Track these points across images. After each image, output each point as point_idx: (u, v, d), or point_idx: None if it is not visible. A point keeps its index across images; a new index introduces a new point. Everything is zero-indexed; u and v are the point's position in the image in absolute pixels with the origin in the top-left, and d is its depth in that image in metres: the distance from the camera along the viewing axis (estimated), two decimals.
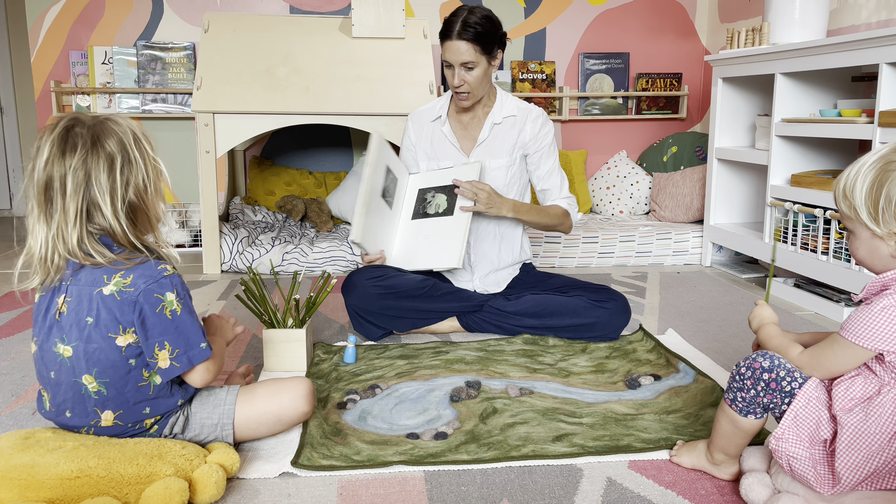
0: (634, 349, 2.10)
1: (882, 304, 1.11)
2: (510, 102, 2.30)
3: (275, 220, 3.68)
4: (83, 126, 1.27)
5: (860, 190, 1.12)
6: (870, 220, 1.12)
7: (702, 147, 3.74)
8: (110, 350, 1.28)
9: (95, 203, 1.26)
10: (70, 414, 1.33)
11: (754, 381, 1.20)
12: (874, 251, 1.15)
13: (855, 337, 1.12)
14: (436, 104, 2.35)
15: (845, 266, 2.42)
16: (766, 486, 1.25)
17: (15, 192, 5.09)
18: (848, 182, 1.15)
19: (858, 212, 1.13)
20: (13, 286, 1.32)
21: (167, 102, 3.84)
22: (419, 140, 2.35)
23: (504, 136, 2.28)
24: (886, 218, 1.10)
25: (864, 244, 1.16)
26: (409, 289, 2.17)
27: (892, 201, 1.09)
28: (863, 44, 2.31)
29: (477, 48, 2.11)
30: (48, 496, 1.19)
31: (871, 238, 1.14)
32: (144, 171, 1.30)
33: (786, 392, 1.17)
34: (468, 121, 2.31)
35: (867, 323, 1.11)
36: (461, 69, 2.14)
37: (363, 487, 1.34)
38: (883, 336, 1.10)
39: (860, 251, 1.17)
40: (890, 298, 1.10)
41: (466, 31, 2.09)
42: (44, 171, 1.26)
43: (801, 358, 1.21)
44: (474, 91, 2.19)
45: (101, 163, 1.25)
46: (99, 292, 1.27)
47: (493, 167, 2.28)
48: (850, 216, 1.16)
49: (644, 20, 4.10)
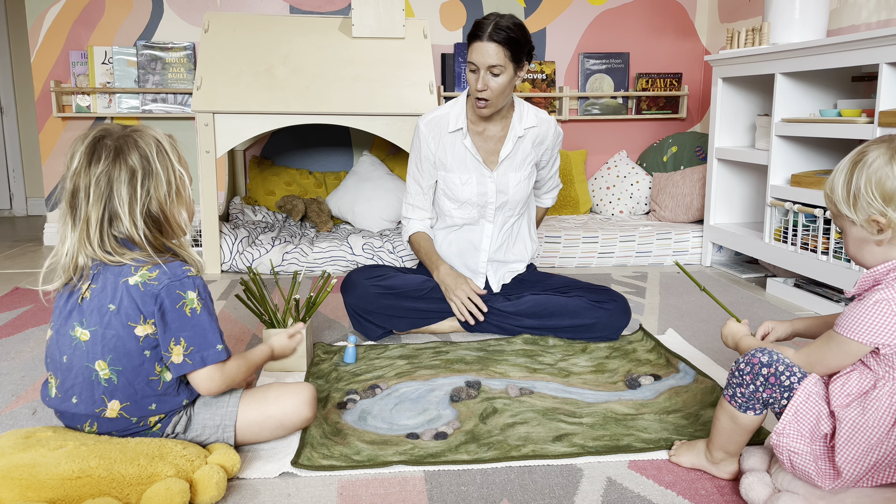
0: (634, 349, 2.10)
1: (875, 298, 1.13)
2: (529, 112, 2.23)
3: (275, 220, 3.68)
4: (111, 138, 1.34)
5: (839, 185, 1.18)
6: (849, 210, 1.17)
7: (702, 147, 3.74)
8: (128, 338, 1.31)
9: (115, 213, 1.32)
10: (76, 400, 1.33)
11: (753, 376, 1.21)
12: (862, 244, 1.19)
13: (850, 332, 1.14)
14: (450, 112, 2.23)
15: (845, 266, 2.42)
16: (767, 486, 1.25)
17: (15, 192, 5.09)
18: (829, 182, 1.21)
19: (839, 206, 1.18)
20: (38, 286, 1.38)
21: (167, 102, 3.84)
22: (437, 151, 2.23)
23: (527, 148, 2.24)
24: (861, 205, 1.15)
25: (853, 239, 1.20)
26: (410, 289, 2.18)
27: (860, 189, 1.14)
28: (863, 44, 2.31)
29: (507, 53, 2.02)
30: (49, 496, 1.19)
31: (856, 231, 1.18)
32: (167, 182, 1.35)
33: (785, 387, 1.18)
34: (488, 133, 2.23)
35: (861, 318, 1.13)
36: (487, 73, 2.04)
37: (363, 487, 1.34)
38: (877, 330, 1.12)
39: (851, 247, 1.21)
40: (882, 293, 1.13)
41: (498, 33, 2.00)
42: (71, 181, 1.33)
43: (797, 357, 1.22)
44: (495, 100, 2.09)
45: (122, 175, 1.31)
46: (125, 282, 1.31)
47: (517, 180, 2.24)
48: (836, 213, 1.21)
49: (644, 20, 4.10)
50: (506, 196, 2.24)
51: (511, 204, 2.26)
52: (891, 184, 1.12)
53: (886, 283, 1.14)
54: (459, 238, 2.30)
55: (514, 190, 2.24)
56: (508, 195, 2.24)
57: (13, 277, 3.06)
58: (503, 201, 2.24)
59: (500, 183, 2.23)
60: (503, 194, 2.24)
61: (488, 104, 2.10)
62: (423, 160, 2.26)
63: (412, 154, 2.29)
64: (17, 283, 2.94)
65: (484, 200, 2.24)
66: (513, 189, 2.24)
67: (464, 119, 2.20)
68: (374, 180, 3.70)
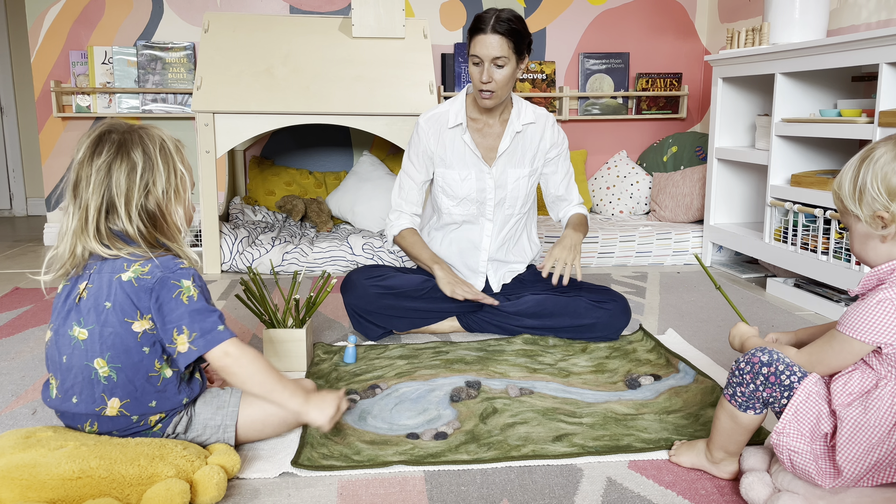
0: (634, 349, 2.10)
1: (878, 297, 1.13)
2: (528, 108, 2.24)
3: (275, 220, 3.68)
4: (117, 132, 1.36)
5: (846, 182, 1.20)
6: (854, 206, 1.18)
7: (702, 147, 3.74)
8: (126, 335, 1.31)
9: (112, 203, 1.33)
10: (77, 399, 1.34)
11: (753, 375, 1.21)
12: (866, 241, 1.20)
13: (853, 332, 1.15)
14: (449, 109, 2.23)
15: (845, 266, 2.42)
16: (767, 485, 1.25)
17: (15, 192, 5.09)
18: (838, 179, 1.22)
19: (845, 202, 1.20)
20: (40, 280, 1.39)
21: (167, 102, 3.84)
22: (437, 147, 2.23)
23: (526, 145, 2.24)
24: (867, 200, 1.16)
25: (857, 236, 1.21)
26: (409, 289, 2.18)
27: (867, 184, 1.16)
28: (863, 44, 2.31)
29: (510, 44, 2.04)
30: (49, 496, 1.19)
31: (860, 227, 1.19)
32: (166, 179, 1.36)
33: (785, 386, 1.19)
34: (487, 129, 2.24)
35: (864, 317, 1.14)
36: (491, 65, 2.05)
37: (363, 487, 1.34)
38: (880, 329, 1.12)
39: (856, 244, 1.22)
40: (886, 292, 1.13)
41: (501, 24, 2.02)
42: (75, 172, 1.34)
43: (799, 357, 1.22)
44: (499, 91, 2.10)
45: (123, 166, 1.33)
46: (118, 278, 1.32)
47: (515, 177, 2.23)
48: (842, 210, 1.22)
49: (644, 20, 4.10)
50: (504, 192, 2.24)
51: (510, 201, 2.25)
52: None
53: (890, 282, 1.15)
54: (459, 238, 2.29)
55: (512, 186, 2.24)
56: (507, 191, 2.24)
57: (13, 277, 3.06)
58: (502, 197, 2.24)
59: (498, 179, 2.23)
60: (501, 189, 2.24)
61: (493, 95, 2.11)
62: (420, 155, 2.25)
63: (408, 149, 2.29)
64: (17, 283, 2.94)
65: (483, 196, 2.24)
66: (511, 185, 2.24)
67: (463, 115, 2.21)
68: (374, 180, 3.70)
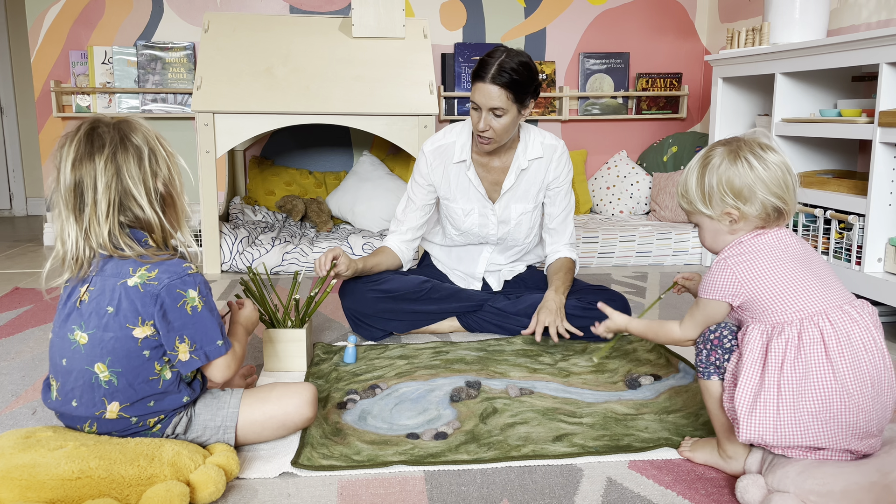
0: (634, 349, 2.10)
1: (716, 260, 1.34)
2: (536, 142, 2.17)
3: (275, 220, 3.68)
4: (107, 125, 1.33)
5: (692, 186, 1.35)
6: (705, 207, 1.33)
7: (702, 147, 3.74)
8: (126, 340, 1.31)
9: (129, 193, 1.30)
10: (77, 403, 1.33)
11: (704, 342, 1.34)
12: (716, 235, 1.36)
13: (707, 293, 1.33)
14: (455, 141, 2.18)
15: (845, 266, 2.42)
16: (761, 487, 1.26)
17: (15, 192, 5.09)
18: (682, 184, 1.37)
19: (695, 204, 1.35)
20: (41, 286, 1.37)
21: (167, 102, 3.84)
22: (441, 181, 2.20)
23: (531, 180, 2.19)
24: (716, 201, 1.32)
25: (708, 231, 1.36)
26: (408, 291, 2.17)
27: (713, 187, 1.31)
28: (863, 44, 2.31)
29: (509, 95, 1.96)
30: (49, 497, 1.19)
31: (711, 223, 1.35)
32: (168, 164, 1.37)
33: (726, 348, 1.31)
34: (493, 165, 2.19)
35: (710, 280, 1.32)
36: (489, 114, 1.99)
37: (363, 487, 1.34)
38: (723, 285, 1.30)
39: (706, 239, 1.38)
40: (722, 254, 1.33)
41: (501, 75, 1.94)
42: (72, 174, 1.30)
43: (684, 327, 1.39)
44: (498, 138, 2.05)
45: (130, 156, 1.31)
46: (123, 283, 1.31)
47: (519, 212, 2.20)
48: (691, 211, 1.37)
49: (644, 20, 4.10)
50: (507, 227, 2.23)
51: (513, 234, 2.24)
52: (739, 181, 1.29)
53: (724, 250, 1.33)
54: (459, 249, 2.32)
55: (515, 221, 2.21)
56: (510, 226, 2.22)
57: (13, 277, 3.06)
58: (505, 232, 2.24)
59: (501, 215, 2.21)
60: (505, 225, 2.22)
61: (491, 142, 2.07)
62: (423, 184, 2.22)
63: (415, 171, 2.24)
64: (17, 283, 2.94)
65: (485, 232, 2.23)
66: (514, 220, 2.21)
67: (468, 150, 2.17)
68: (374, 180, 3.70)
